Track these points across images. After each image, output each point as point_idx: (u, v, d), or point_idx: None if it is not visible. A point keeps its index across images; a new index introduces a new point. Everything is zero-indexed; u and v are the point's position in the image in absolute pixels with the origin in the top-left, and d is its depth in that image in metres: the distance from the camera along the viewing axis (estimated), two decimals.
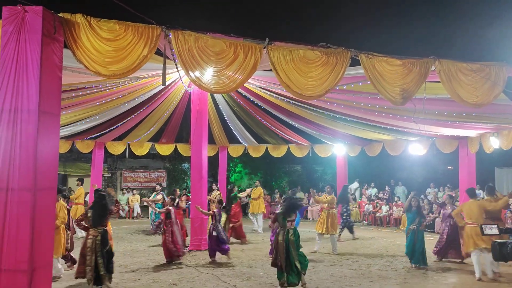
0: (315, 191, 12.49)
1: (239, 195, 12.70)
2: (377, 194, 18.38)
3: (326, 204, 10.18)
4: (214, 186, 14.28)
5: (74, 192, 19.36)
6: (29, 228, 4.29)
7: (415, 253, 8.67)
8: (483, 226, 4.92)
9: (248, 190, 14.47)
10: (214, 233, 9.02)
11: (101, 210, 6.56)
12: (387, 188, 18.45)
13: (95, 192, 6.92)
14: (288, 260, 6.53)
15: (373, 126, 12.17)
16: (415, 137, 13.33)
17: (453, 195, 15.47)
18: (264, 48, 5.47)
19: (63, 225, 7.55)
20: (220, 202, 9.91)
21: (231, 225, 10.96)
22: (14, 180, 4.31)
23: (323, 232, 10.01)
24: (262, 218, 14.17)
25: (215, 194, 13.10)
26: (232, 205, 11.41)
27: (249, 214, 14.48)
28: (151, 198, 13.71)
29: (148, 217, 15.92)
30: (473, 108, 6.79)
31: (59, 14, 4.77)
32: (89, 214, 6.60)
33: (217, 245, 9.05)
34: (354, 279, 7.67)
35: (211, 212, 9.40)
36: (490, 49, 14.28)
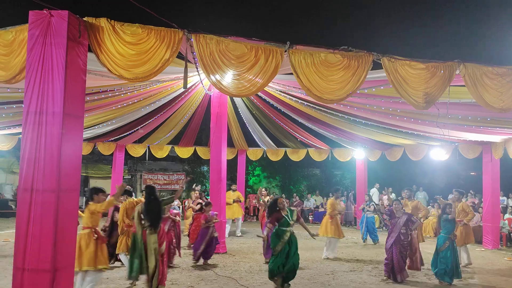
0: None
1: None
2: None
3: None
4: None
5: None
6: (52, 228, 4.36)
7: (457, 267, 7.88)
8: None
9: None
10: (216, 234, 9.14)
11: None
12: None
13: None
14: None
15: (394, 130, 12.00)
16: (437, 142, 13.09)
17: (476, 201, 15.21)
18: (285, 51, 5.44)
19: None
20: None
21: None
22: (39, 181, 4.38)
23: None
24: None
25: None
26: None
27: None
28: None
29: None
30: (499, 113, 6.62)
31: (84, 19, 4.85)
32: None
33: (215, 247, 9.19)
34: (374, 286, 7.56)
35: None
36: None
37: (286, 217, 7.02)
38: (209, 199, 10.92)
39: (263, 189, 12.13)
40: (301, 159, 17.63)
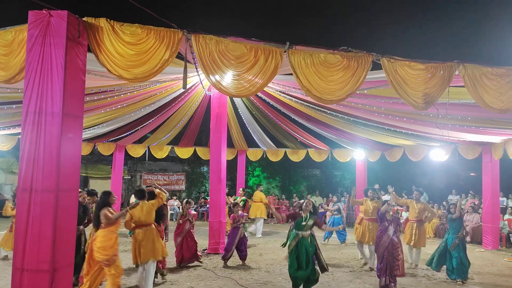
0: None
1: None
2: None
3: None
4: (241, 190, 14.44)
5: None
6: (51, 228, 4.35)
7: (465, 267, 8.00)
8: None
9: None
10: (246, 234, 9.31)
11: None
12: (404, 194, 18.11)
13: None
14: None
15: (393, 131, 12.00)
16: (437, 142, 13.08)
17: (476, 202, 15.21)
18: (285, 52, 5.44)
19: None
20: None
21: None
22: (38, 181, 4.38)
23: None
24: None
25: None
26: None
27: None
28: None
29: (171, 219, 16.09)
30: (498, 114, 6.62)
31: (83, 19, 4.85)
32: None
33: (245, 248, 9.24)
34: (373, 287, 7.56)
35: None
36: None
37: (302, 219, 6.74)
38: (208, 200, 10.94)
39: (241, 190, 12.14)
40: (301, 159, 17.62)
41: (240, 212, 9.32)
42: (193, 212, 9.24)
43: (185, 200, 9.42)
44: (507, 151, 11.05)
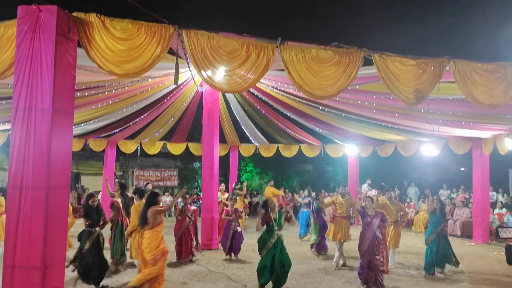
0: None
1: None
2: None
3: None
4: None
5: (88, 190, 19.60)
6: (42, 225, 4.33)
7: (443, 258, 8.03)
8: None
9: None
10: (239, 229, 9.35)
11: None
12: (396, 189, 18.26)
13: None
14: None
15: (385, 126, 12.06)
16: (427, 138, 13.18)
17: (467, 196, 15.36)
18: (277, 47, 5.44)
19: None
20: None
21: None
22: (28, 178, 4.35)
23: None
24: None
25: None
26: None
27: None
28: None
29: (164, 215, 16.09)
30: (488, 109, 6.68)
31: (73, 14, 4.81)
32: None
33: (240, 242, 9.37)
34: None
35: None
36: (506, 49, 14.06)
37: (274, 220, 6.87)
38: (201, 195, 10.94)
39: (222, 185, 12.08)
40: (294, 155, 17.64)
41: (237, 208, 9.55)
42: (193, 207, 9.29)
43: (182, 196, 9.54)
44: (497, 146, 11.17)
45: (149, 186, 10.58)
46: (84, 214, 6.54)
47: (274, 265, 6.67)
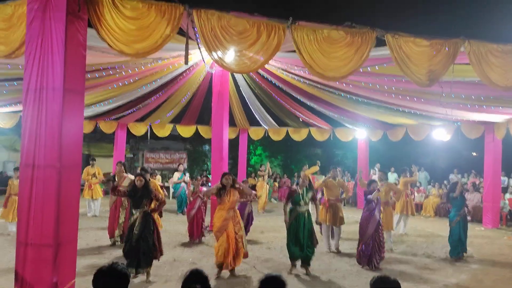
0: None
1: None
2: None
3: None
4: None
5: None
6: (55, 203, 4.37)
7: (463, 243, 8.23)
8: None
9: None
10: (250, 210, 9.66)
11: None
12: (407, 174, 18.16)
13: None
14: None
15: (396, 110, 11.94)
16: (439, 122, 13.03)
17: (477, 182, 15.25)
18: (288, 27, 5.36)
19: None
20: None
21: None
22: (40, 157, 4.38)
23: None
24: None
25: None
26: None
27: None
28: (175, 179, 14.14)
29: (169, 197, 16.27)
30: (503, 92, 6.56)
31: None
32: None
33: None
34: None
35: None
36: None
37: (300, 195, 7.02)
38: (210, 178, 10.99)
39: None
40: (303, 138, 17.57)
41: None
42: (204, 189, 9.34)
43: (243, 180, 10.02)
44: (510, 130, 11.02)
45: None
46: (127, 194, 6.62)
47: (299, 241, 6.85)
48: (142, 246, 6.21)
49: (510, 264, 8.05)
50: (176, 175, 14.38)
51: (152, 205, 6.67)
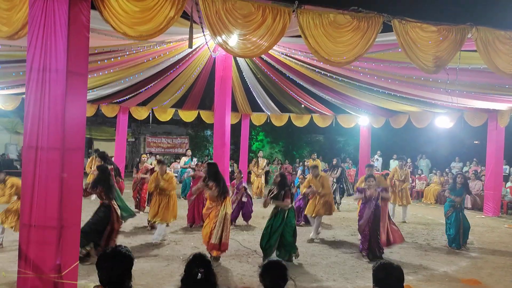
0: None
1: None
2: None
3: None
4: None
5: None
6: (58, 185, 4.37)
7: (466, 230, 8.17)
8: None
9: None
10: (244, 199, 9.72)
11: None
12: (409, 161, 18.19)
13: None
14: None
15: (399, 97, 11.87)
16: (443, 109, 12.96)
17: (479, 170, 15.25)
18: (293, 11, 5.29)
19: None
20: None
21: None
22: (43, 139, 4.36)
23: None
24: None
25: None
26: None
27: None
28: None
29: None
30: (509, 79, 6.50)
31: None
32: None
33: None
34: None
35: None
36: None
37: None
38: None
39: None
40: (305, 125, 17.54)
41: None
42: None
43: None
44: None
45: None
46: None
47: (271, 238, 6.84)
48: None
49: (510, 252, 8.08)
50: (184, 159, 14.47)
51: None
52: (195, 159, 14.70)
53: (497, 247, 8.44)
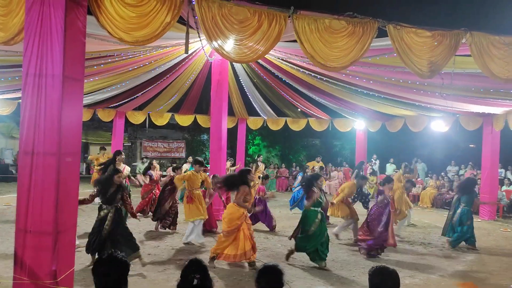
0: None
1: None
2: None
3: None
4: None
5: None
6: (54, 191, 4.35)
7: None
8: None
9: None
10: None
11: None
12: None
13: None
14: None
15: (395, 101, 11.92)
16: (438, 113, 13.03)
17: (475, 173, 15.30)
18: (289, 17, 5.32)
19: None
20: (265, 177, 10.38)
21: None
22: (39, 144, 4.34)
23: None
24: None
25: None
26: None
27: None
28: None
29: None
30: (503, 84, 6.54)
31: None
32: None
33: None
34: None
35: None
36: None
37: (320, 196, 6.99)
38: (208, 168, 10.97)
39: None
40: (301, 129, 17.58)
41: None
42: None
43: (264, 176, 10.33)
44: (509, 122, 11.03)
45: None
46: None
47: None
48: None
49: (506, 255, 8.12)
50: (185, 166, 14.54)
51: None
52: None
53: (493, 250, 8.47)
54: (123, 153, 9.10)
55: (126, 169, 9.02)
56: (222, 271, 6.44)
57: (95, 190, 6.56)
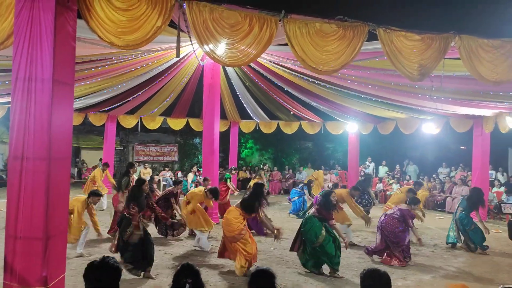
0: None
1: None
2: (388, 172, 18.31)
3: None
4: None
5: (87, 164, 19.58)
6: (44, 196, 4.32)
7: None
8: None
9: None
10: None
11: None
12: (397, 167, 18.37)
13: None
14: None
15: (387, 103, 12.00)
16: (429, 115, 13.14)
17: (465, 175, 15.42)
18: (280, 20, 5.35)
19: None
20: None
21: None
22: (29, 149, 4.31)
23: None
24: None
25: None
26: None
27: None
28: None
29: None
30: (492, 86, 6.62)
31: None
32: None
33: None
34: (364, 255, 7.72)
35: None
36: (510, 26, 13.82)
37: None
38: (201, 171, 10.96)
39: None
40: (294, 131, 17.64)
41: None
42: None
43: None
44: (498, 124, 11.15)
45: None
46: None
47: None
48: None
49: (497, 255, 8.18)
50: (190, 176, 14.62)
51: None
52: (200, 178, 14.63)
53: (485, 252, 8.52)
54: (135, 165, 9.10)
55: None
56: (214, 276, 6.42)
57: (131, 205, 6.32)
